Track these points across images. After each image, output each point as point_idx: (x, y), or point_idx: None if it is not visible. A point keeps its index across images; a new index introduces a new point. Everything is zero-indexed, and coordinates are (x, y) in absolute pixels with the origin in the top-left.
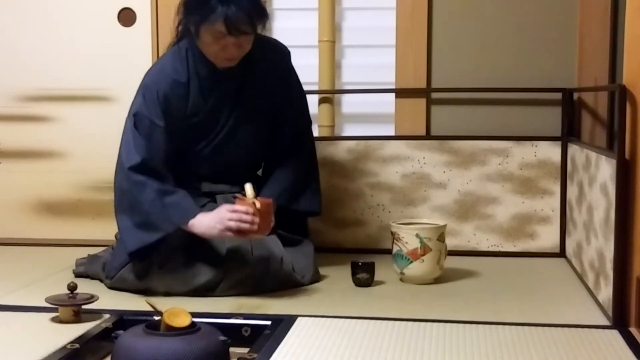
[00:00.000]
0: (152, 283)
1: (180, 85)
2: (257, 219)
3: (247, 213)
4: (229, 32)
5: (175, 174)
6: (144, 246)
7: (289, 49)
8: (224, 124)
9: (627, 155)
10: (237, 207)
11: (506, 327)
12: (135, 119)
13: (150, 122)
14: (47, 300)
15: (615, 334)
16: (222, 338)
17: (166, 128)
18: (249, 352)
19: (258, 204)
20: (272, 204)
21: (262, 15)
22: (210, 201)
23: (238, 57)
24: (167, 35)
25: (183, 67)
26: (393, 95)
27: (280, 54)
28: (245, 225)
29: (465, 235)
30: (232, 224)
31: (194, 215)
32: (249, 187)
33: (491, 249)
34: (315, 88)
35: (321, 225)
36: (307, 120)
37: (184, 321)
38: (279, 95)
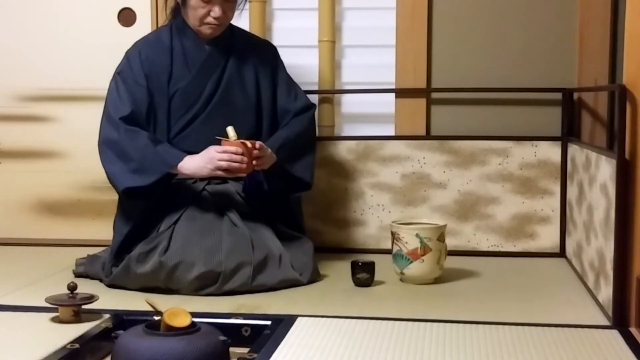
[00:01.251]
0: (151, 276)
1: (163, 50)
2: (246, 158)
3: (236, 153)
4: None
5: None
6: (139, 187)
7: (289, 49)
8: (210, 96)
9: (627, 155)
10: (227, 147)
11: (506, 327)
12: (120, 77)
13: (134, 81)
14: (47, 300)
15: (615, 334)
16: (222, 338)
17: (148, 89)
18: (249, 352)
19: (249, 144)
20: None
21: None
22: (201, 181)
23: (221, 24)
24: None
25: (167, 35)
26: (393, 95)
27: (267, 46)
28: (236, 165)
29: (465, 235)
30: (223, 163)
31: (183, 157)
32: (231, 129)
33: (491, 249)
34: (315, 88)
35: (321, 225)
36: (307, 101)
37: (184, 321)
38: (266, 78)
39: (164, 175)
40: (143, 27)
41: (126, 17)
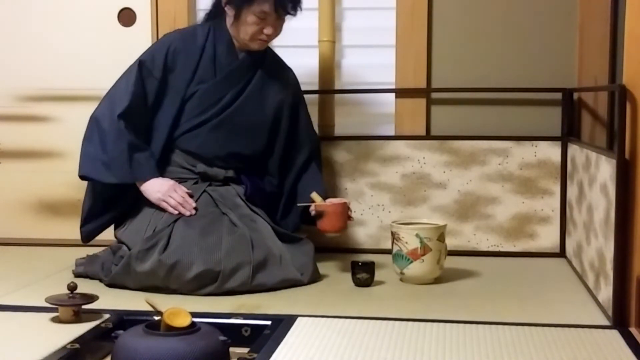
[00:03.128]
0: (150, 274)
1: (195, 49)
2: (192, 207)
3: (187, 202)
4: (275, 11)
5: (170, 152)
6: (97, 180)
7: (289, 49)
8: (227, 105)
9: (627, 155)
10: (185, 190)
11: (506, 327)
12: (138, 65)
13: (148, 72)
14: (47, 300)
15: (615, 334)
16: (222, 338)
17: (163, 82)
18: (249, 352)
19: (346, 202)
20: (344, 204)
21: (301, 0)
22: (203, 182)
23: (270, 40)
24: None
25: (203, 34)
26: (393, 95)
27: (292, 72)
28: (180, 208)
29: (465, 235)
30: (172, 201)
31: (150, 177)
32: (315, 195)
33: (491, 249)
34: (315, 88)
35: None
36: (318, 140)
37: (184, 321)
38: (287, 103)
39: (124, 183)
40: (143, 27)
41: (126, 17)
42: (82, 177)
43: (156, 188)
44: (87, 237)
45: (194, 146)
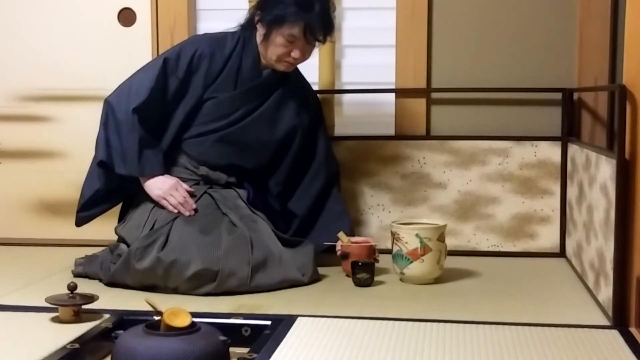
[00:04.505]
0: (149, 272)
1: (221, 56)
2: (191, 208)
3: (187, 202)
4: (304, 37)
5: (174, 152)
6: (112, 167)
7: None
8: (237, 120)
9: (627, 155)
10: (187, 188)
11: (506, 327)
12: (162, 61)
13: (172, 71)
14: (47, 300)
15: (615, 334)
16: (222, 338)
17: (183, 84)
18: (249, 352)
19: (371, 243)
20: (371, 247)
21: (333, 27)
22: (204, 184)
23: (297, 63)
24: (167, 35)
25: (232, 44)
26: (393, 95)
27: (315, 95)
28: (181, 207)
29: (465, 235)
30: (173, 200)
31: (156, 174)
32: (342, 235)
33: (491, 249)
34: (315, 88)
35: None
36: (338, 165)
37: (184, 321)
38: (306, 130)
39: (131, 175)
40: (143, 27)
41: (126, 17)
42: (99, 164)
43: (158, 185)
44: (81, 223)
45: (196, 152)
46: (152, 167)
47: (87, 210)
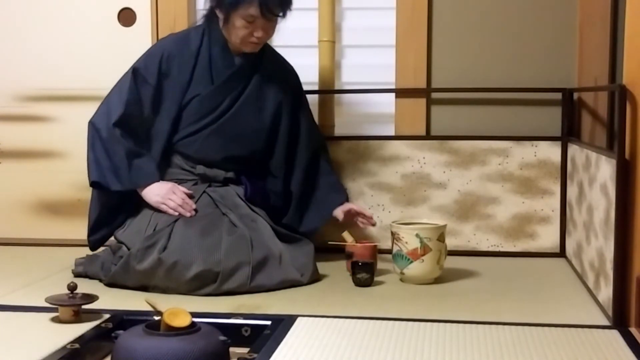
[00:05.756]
0: (150, 273)
1: (190, 53)
2: (192, 208)
3: (186, 203)
4: (262, 15)
5: (170, 154)
6: (106, 187)
7: (289, 49)
8: (225, 110)
9: (627, 155)
10: (185, 190)
11: (506, 327)
12: (132, 73)
13: (143, 80)
14: (47, 300)
15: (615, 334)
16: (222, 338)
17: (158, 88)
18: (249, 352)
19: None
20: (374, 247)
21: (290, 1)
22: (202, 183)
23: (262, 42)
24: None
25: (197, 38)
26: (393, 95)
27: (293, 71)
28: (181, 209)
29: (465, 235)
30: (171, 203)
31: (150, 182)
32: (347, 235)
33: (491, 249)
34: (315, 88)
35: None
36: (321, 135)
37: (184, 321)
38: (289, 103)
39: (127, 189)
40: (143, 27)
41: (126, 17)
42: (92, 185)
43: (155, 191)
44: (95, 246)
45: (191, 151)
46: (146, 176)
47: (96, 234)
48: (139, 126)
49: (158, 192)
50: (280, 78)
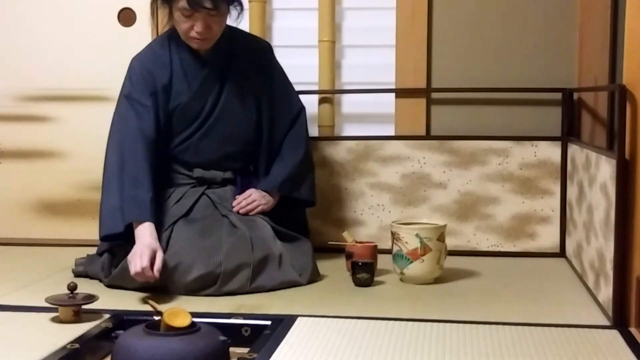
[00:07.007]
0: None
1: (163, 65)
2: (150, 277)
3: (144, 274)
4: (190, 7)
5: (167, 161)
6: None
7: (289, 49)
8: (210, 111)
9: (627, 155)
10: (158, 260)
11: (506, 327)
12: (127, 101)
13: (139, 104)
14: (47, 300)
15: (615, 334)
16: (222, 338)
17: (154, 106)
18: (249, 352)
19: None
20: (374, 247)
21: None
22: (201, 186)
23: (208, 38)
24: None
25: (165, 50)
26: (393, 95)
27: (261, 47)
28: (137, 277)
29: (465, 235)
30: (132, 268)
31: (139, 223)
32: (347, 234)
33: (491, 249)
34: (315, 88)
35: (321, 225)
36: (298, 105)
37: (184, 321)
38: (264, 86)
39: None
40: (143, 27)
41: (126, 17)
42: (102, 239)
43: (134, 250)
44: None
45: (188, 156)
46: (134, 215)
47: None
48: (157, 148)
49: (135, 248)
50: (252, 63)
